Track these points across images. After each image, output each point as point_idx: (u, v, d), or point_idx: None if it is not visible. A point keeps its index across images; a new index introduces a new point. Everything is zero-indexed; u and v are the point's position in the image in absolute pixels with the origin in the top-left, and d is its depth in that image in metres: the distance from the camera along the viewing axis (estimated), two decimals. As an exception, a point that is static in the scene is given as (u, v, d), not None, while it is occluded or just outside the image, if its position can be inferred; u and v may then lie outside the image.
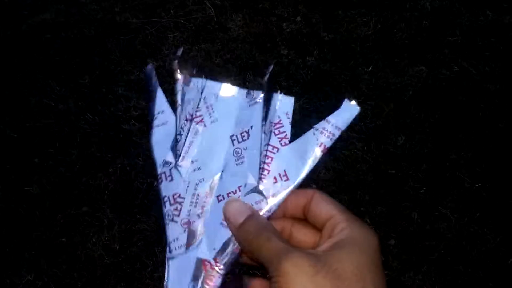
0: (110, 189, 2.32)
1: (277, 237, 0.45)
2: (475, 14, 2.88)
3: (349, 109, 0.53)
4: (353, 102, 0.53)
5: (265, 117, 0.55)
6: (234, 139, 0.56)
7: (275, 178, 0.52)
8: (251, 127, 0.55)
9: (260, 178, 0.53)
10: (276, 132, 0.55)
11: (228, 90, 0.60)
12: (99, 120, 2.62)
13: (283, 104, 0.57)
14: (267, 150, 0.54)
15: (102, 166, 2.42)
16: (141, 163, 2.40)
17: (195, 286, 0.50)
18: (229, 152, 0.55)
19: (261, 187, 0.52)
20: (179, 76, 0.57)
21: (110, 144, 2.50)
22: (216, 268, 0.50)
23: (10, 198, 2.34)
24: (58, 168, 2.43)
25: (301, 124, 1.97)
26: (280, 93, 0.57)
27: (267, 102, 0.56)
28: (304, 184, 0.53)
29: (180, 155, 0.55)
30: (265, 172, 0.53)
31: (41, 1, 3.50)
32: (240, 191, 0.53)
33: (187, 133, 0.57)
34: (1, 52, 3.16)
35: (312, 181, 2.06)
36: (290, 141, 0.56)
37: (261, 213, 0.50)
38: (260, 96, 0.58)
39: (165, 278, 0.53)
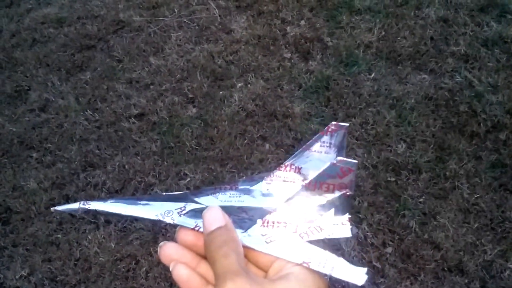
0: (108, 186, 2.31)
1: (234, 256, 0.45)
2: (479, 24, 2.88)
3: (357, 274, 0.49)
4: (364, 272, 0.49)
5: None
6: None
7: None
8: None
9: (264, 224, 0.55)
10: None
11: None
12: (99, 117, 2.62)
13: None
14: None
15: (100, 163, 2.41)
16: (140, 162, 2.39)
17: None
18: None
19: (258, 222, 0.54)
20: None
21: (109, 142, 2.50)
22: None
23: (7, 192, 2.32)
24: (56, 164, 2.42)
25: (301, 128, 1.96)
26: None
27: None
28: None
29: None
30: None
31: (45, -5, 3.50)
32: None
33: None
34: (3, 45, 3.15)
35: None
36: None
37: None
38: None
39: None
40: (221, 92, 2.67)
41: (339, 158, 0.55)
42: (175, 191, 0.61)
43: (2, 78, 2.90)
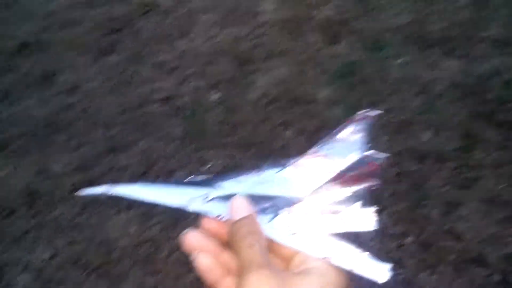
0: (131, 170, 2.34)
1: (259, 247, 0.46)
2: (512, 8, 2.80)
3: (380, 270, 0.48)
4: (387, 268, 0.48)
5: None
6: None
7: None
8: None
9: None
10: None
11: None
12: (124, 101, 2.63)
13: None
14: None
15: (124, 147, 2.43)
16: (163, 146, 2.40)
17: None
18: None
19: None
20: None
21: (134, 126, 2.52)
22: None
23: (32, 176, 2.37)
24: (81, 148, 2.46)
25: (324, 114, 1.92)
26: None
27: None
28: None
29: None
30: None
31: (74, -21, 3.52)
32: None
33: None
34: (33, 29, 3.19)
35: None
36: None
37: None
38: None
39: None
40: (245, 77, 2.66)
41: (369, 151, 0.54)
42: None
43: (31, 62, 2.94)
